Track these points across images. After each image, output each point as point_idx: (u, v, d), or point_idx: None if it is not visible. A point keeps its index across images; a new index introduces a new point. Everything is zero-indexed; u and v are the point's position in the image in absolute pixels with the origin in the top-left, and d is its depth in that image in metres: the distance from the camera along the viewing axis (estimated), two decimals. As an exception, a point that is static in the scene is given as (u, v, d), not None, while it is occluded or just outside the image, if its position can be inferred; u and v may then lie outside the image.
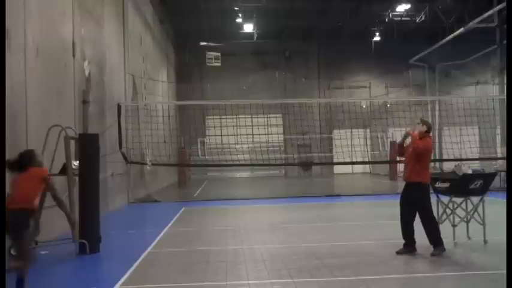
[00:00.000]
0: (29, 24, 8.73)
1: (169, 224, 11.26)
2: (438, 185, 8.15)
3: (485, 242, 7.88)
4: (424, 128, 7.66)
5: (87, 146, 8.47)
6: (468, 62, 29.04)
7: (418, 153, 7.45)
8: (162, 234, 9.90)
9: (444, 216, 8.10)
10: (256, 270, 6.68)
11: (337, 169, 32.73)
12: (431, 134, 7.86)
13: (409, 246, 7.46)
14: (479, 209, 8.06)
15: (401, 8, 27.07)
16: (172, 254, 7.99)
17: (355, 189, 20.93)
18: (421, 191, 7.40)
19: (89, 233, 8.04)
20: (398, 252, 7.42)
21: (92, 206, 8.28)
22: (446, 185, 7.99)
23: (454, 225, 7.96)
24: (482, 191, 7.97)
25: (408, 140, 7.79)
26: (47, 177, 5.90)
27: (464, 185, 7.84)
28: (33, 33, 8.93)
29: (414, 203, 7.47)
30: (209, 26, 28.90)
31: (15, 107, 8.12)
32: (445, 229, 7.78)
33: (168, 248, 8.56)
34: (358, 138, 25.70)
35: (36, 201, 5.93)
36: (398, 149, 7.98)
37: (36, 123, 8.83)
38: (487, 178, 8.06)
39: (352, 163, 26.06)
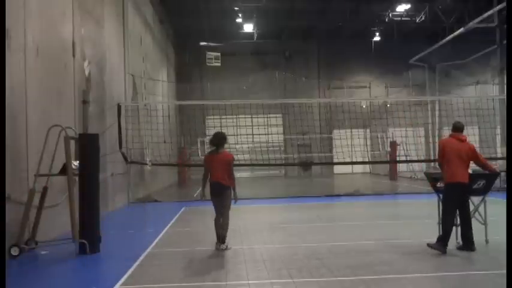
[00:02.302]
0: (29, 24, 8.73)
1: (169, 224, 11.26)
2: (439, 185, 8.16)
3: (486, 241, 7.87)
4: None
5: (87, 146, 8.46)
6: (468, 62, 29.03)
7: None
8: (162, 234, 9.90)
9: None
10: (256, 270, 6.68)
11: (337, 169, 32.71)
12: (456, 133, 8.10)
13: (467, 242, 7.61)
14: (481, 209, 8.06)
15: (401, 8, 27.07)
16: (172, 254, 7.98)
17: (355, 189, 20.89)
18: (446, 190, 7.68)
19: (89, 233, 8.03)
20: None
21: (92, 206, 8.27)
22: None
23: (456, 226, 7.95)
24: (484, 191, 7.97)
25: None
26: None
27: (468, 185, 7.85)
28: (33, 33, 8.93)
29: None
30: (209, 26, 28.89)
31: (15, 107, 8.12)
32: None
33: (168, 248, 8.56)
34: (358, 138, 25.69)
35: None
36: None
37: (36, 123, 8.83)
38: (489, 178, 8.06)
39: (352, 163, 26.03)
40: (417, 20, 28.58)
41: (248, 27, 29.89)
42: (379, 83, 33.95)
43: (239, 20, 28.21)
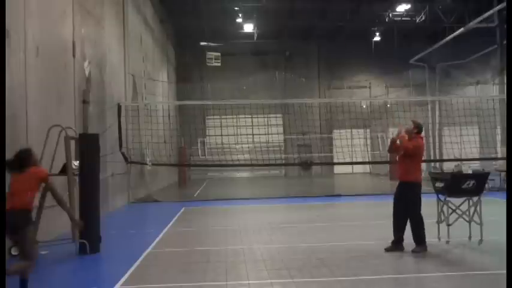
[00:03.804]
0: (29, 24, 8.73)
1: (169, 224, 11.26)
2: (437, 184, 8.19)
3: (480, 241, 7.86)
4: (414, 130, 7.82)
5: (87, 146, 8.46)
6: (468, 62, 29.04)
7: (408, 154, 7.63)
8: (162, 234, 9.90)
9: (442, 216, 8.12)
10: (256, 270, 6.68)
11: (337, 169, 32.74)
12: (422, 135, 7.98)
13: (398, 244, 7.62)
14: (477, 210, 8.07)
15: (401, 8, 27.06)
16: (172, 254, 7.99)
17: (355, 189, 20.93)
18: (413, 190, 7.58)
19: (89, 233, 8.03)
20: (386, 249, 7.57)
21: (92, 206, 8.28)
22: (442, 184, 8.04)
23: (448, 225, 7.96)
24: (478, 192, 7.97)
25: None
26: (45, 178, 5.82)
27: (455, 185, 7.87)
28: (33, 33, 8.93)
29: (406, 202, 7.62)
30: (209, 26, 28.90)
31: (16, 107, 8.13)
32: (446, 228, 7.87)
33: (168, 248, 8.56)
34: (358, 138, 25.72)
35: (32, 202, 5.77)
36: (390, 145, 7.99)
37: (36, 123, 8.83)
38: (479, 178, 8.06)
39: (352, 163, 26.09)
40: (417, 20, 28.57)
41: (248, 27, 29.87)
42: (379, 83, 33.96)
43: (239, 20, 28.19)
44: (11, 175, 5.74)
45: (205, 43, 30.45)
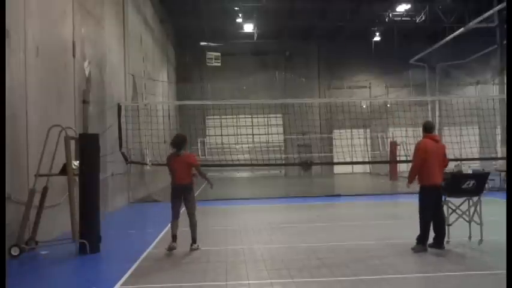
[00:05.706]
0: (29, 24, 8.73)
1: (170, 224, 11.23)
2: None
3: (480, 241, 7.85)
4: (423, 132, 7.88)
5: (87, 146, 8.46)
6: (468, 62, 29.05)
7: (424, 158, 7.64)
8: (162, 234, 9.90)
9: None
10: (256, 270, 6.68)
11: (337, 169, 32.72)
12: (431, 133, 7.88)
13: (437, 241, 7.67)
14: (478, 209, 8.06)
15: (401, 8, 27.03)
16: (172, 254, 7.99)
17: (355, 189, 20.93)
18: (421, 193, 7.66)
19: (89, 233, 8.04)
20: (429, 245, 7.66)
21: (92, 206, 8.27)
22: (442, 184, 8.04)
23: (448, 225, 7.96)
24: (476, 192, 7.97)
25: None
26: (195, 163, 8.41)
27: (455, 185, 7.86)
28: (33, 33, 8.93)
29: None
30: (209, 26, 28.89)
31: (16, 107, 8.12)
32: (446, 228, 7.85)
33: (168, 248, 8.55)
34: (358, 138, 25.68)
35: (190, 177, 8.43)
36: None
37: (36, 123, 8.83)
38: (479, 178, 8.05)
39: (352, 163, 26.06)
40: (417, 20, 28.55)
41: (248, 27, 29.84)
42: (379, 83, 33.95)
43: (239, 20, 28.16)
44: (171, 155, 8.35)
45: (205, 43, 30.43)
